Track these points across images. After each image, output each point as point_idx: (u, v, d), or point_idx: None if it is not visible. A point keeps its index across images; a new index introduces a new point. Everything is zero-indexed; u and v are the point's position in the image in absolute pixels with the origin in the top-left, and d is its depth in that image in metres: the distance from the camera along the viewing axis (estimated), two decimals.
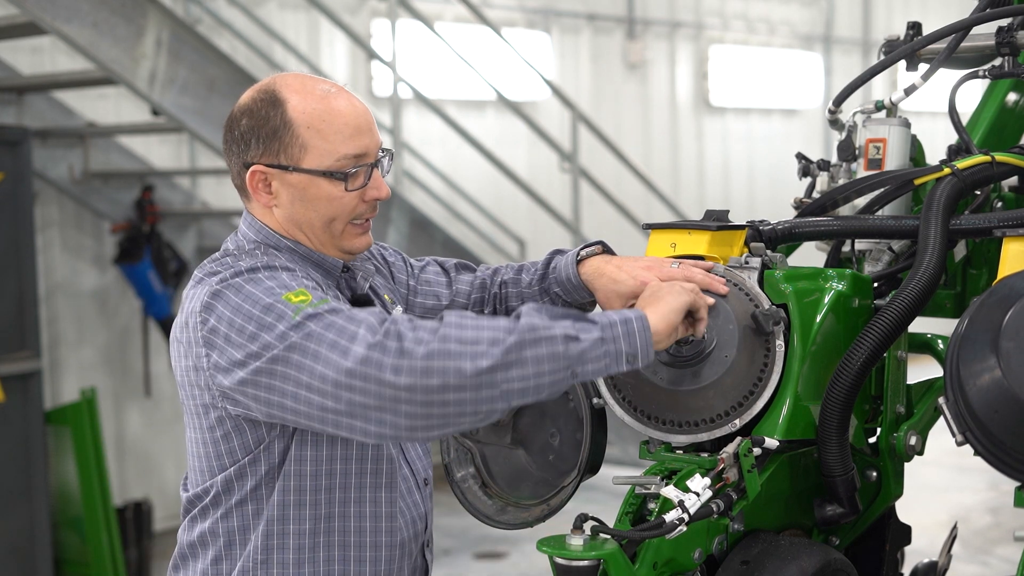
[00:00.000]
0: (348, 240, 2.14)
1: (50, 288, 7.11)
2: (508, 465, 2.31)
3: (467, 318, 1.85)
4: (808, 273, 2.16)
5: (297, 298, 1.92)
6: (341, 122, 2.08)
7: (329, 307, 1.90)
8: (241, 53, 7.60)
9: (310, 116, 2.06)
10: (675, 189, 10.88)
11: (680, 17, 11.45)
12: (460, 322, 1.84)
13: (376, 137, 2.12)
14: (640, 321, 1.88)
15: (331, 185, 2.08)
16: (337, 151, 2.07)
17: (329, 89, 2.11)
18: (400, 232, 6.51)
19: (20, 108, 6.77)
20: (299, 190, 2.09)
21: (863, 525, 2.29)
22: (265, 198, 2.11)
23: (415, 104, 8.78)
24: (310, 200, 2.09)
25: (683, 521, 1.87)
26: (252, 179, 2.10)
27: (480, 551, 6.74)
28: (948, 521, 3.21)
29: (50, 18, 5.04)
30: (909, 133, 2.48)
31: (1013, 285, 1.90)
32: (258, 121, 2.08)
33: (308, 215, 2.10)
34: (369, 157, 2.10)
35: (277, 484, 2.06)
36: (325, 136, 2.06)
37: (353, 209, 2.11)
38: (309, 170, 2.07)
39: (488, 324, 1.84)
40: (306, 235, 2.13)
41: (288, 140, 2.06)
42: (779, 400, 2.04)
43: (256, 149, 2.08)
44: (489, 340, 1.81)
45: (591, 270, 2.28)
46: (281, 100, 2.08)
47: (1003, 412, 1.83)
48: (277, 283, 1.96)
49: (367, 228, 2.16)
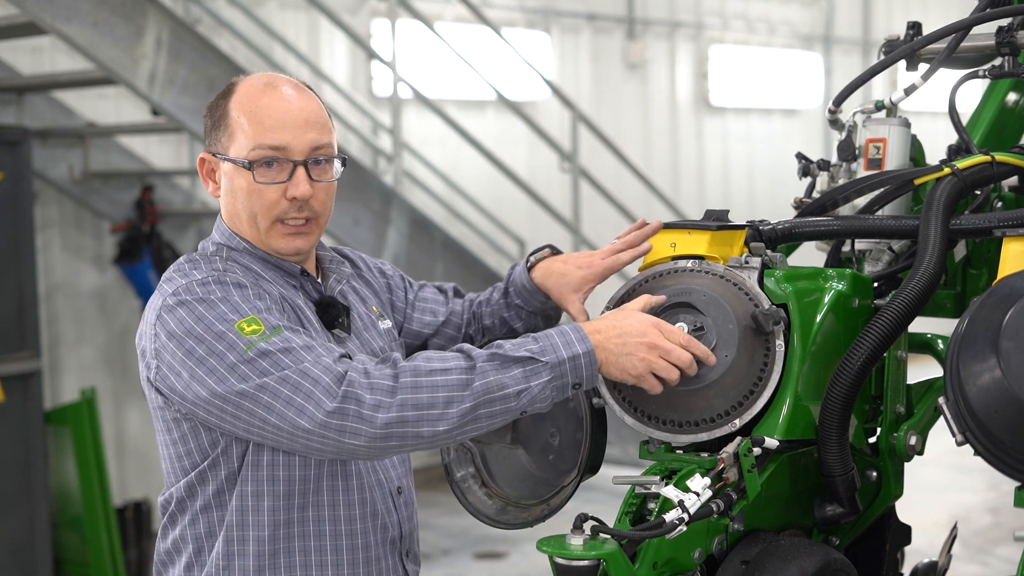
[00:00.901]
0: (275, 239, 2.12)
1: (50, 288, 7.11)
2: (508, 465, 2.31)
3: (421, 373, 1.88)
4: (808, 273, 2.16)
5: (249, 327, 1.93)
6: (266, 114, 2.08)
7: (281, 343, 1.91)
8: (241, 53, 7.60)
9: (243, 106, 2.09)
10: (675, 189, 10.88)
11: (680, 17, 11.45)
12: (415, 381, 1.88)
13: (307, 136, 2.09)
14: (588, 356, 1.93)
15: (244, 174, 2.09)
16: (254, 140, 2.08)
17: (277, 84, 2.12)
18: (400, 232, 6.51)
19: (20, 108, 6.77)
20: (228, 179, 2.13)
21: (863, 525, 2.29)
22: (212, 186, 2.17)
23: (415, 104, 8.78)
24: (234, 191, 2.12)
25: (683, 521, 1.87)
26: (201, 167, 2.17)
27: (480, 551, 6.75)
28: (948, 521, 3.21)
29: (50, 18, 5.04)
30: (909, 133, 2.48)
31: (1013, 285, 1.90)
32: (211, 111, 2.15)
33: (236, 207, 2.13)
34: (291, 152, 2.08)
35: (236, 489, 2.05)
36: (248, 126, 2.08)
37: (273, 205, 2.09)
38: (231, 158, 2.10)
39: (443, 381, 1.88)
40: (241, 229, 2.14)
41: (223, 128, 2.11)
42: (779, 400, 2.04)
43: (209, 138, 2.15)
44: (444, 402, 1.88)
45: (541, 272, 2.32)
46: (231, 92, 2.13)
47: (1003, 412, 1.83)
48: (229, 307, 1.96)
49: (299, 231, 2.12)
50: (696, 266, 2.13)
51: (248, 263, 2.12)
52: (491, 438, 2.32)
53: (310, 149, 2.10)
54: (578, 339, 1.94)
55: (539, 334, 1.96)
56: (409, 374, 1.89)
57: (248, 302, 1.97)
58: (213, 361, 1.93)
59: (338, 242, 6.40)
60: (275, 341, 1.92)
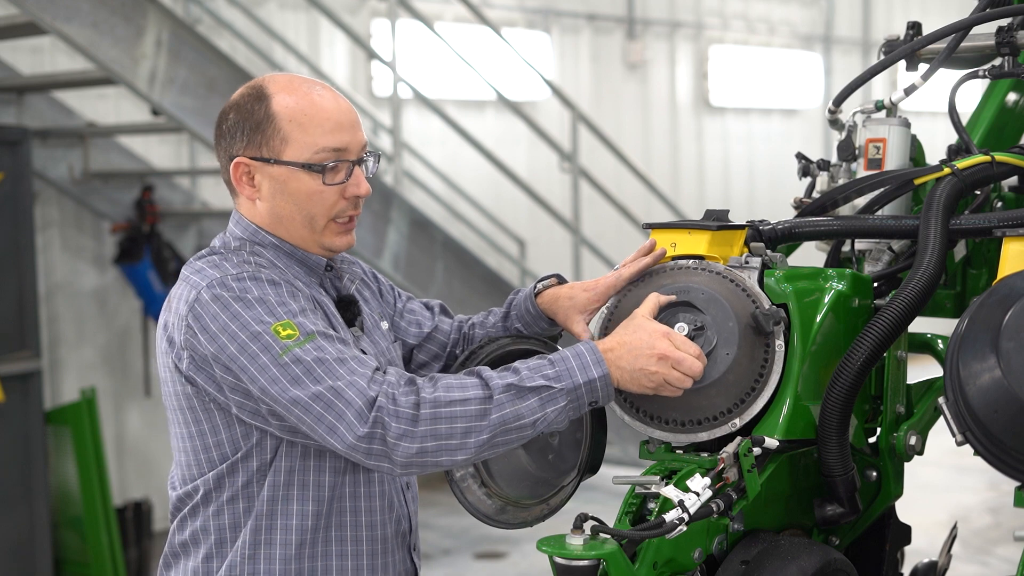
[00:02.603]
0: (329, 237, 2.16)
1: (50, 288, 7.11)
2: (508, 465, 2.31)
3: (441, 404, 1.93)
4: (808, 273, 2.16)
5: (284, 331, 1.97)
6: (322, 116, 2.11)
7: (315, 351, 1.95)
8: (241, 53, 7.60)
9: (292, 110, 2.10)
10: (675, 189, 10.88)
11: (680, 17, 11.45)
12: (435, 413, 1.92)
13: (359, 136, 2.15)
14: (604, 379, 1.96)
15: (310, 178, 2.11)
16: (316, 144, 2.09)
17: (314, 87, 2.15)
18: (400, 232, 6.51)
19: (20, 108, 6.77)
20: (280, 183, 2.12)
21: (863, 525, 2.29)
22: (248, 191, 2.15)
23: (415, 104, 8.78)
24: (290, 194, 2.12)
25: (683, 521, 1.87)
26: (236, 171, 2.14)
27: (480, 551, 6.74)
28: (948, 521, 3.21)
29: (50, 18, 5.04)
30: (909, 133, 2.48)
31: (1013, 285, 1.90)
32: (244, 115, 2.12)
33: (289, 209, 2.13)
34: (350, 153, 2.13)
35: (268, 480, 2.08)
36: (305, 129, 2.09)
37: (333, 205, 2.13)
38: (289, 162, 2.10)
39: (461, 412, 1.93)
40: (287, 230, 2.15)
41: (270, 133, 2.10)
42: (779, 400, 2.04)
43: (241, 142, 2.12)
44: (463, 432, 1.93)
45: (548, 299, 2.34)
46: (267, 95, 2.12)
47: (1003, 412, 1.83)
48: (264, 308, 1.99)
49: (350, 228, 2.18)
50: (696, 265, 2.13)
51: (273, 257, 2.14)
52: None
53: (362, 148, 2.15)
54: (594, 362, 1.96)
55: (555, 356, 1.98)
56: (429, 405, 1.93)
57: (283, 304, 2.00)
58: (245, 361, 1.97)
59: None
60: (309, 348, 1.96)
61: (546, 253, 9.64)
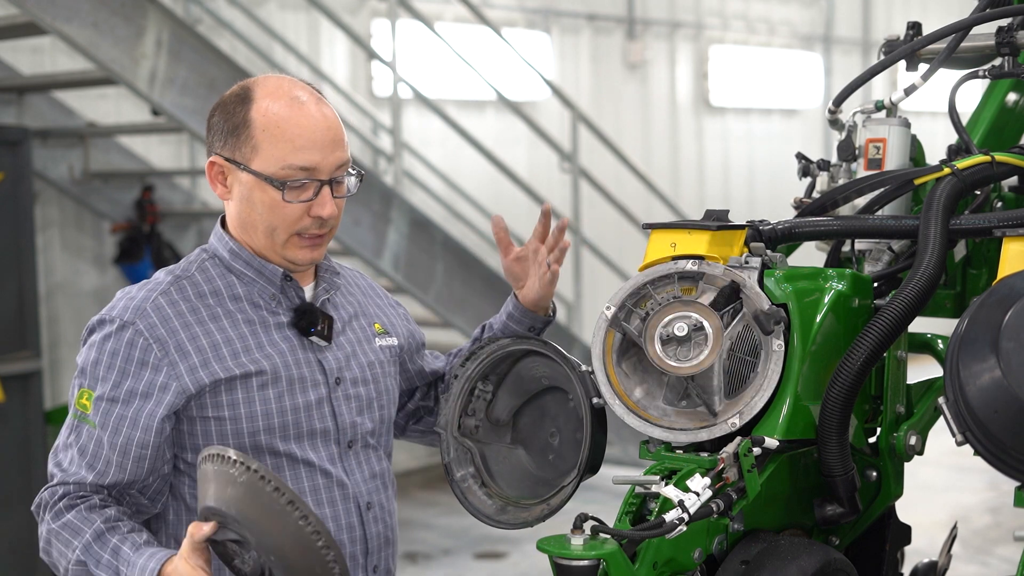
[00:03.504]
0: (291, 251, 2.14)
1: (50, 288, 7.11)
2: (508, 465, 2.31)
3: (52, 535, 2.10)
4: (808, 273, 2.16)
5: (82, 400, 2.12)
6: (295, 132, 2.07)
7: (76, 432, 2.12)
8: (241, 53, 7.60)
9: (268, 120, 2.08)
10: (675, 189, 10.87)
11: (680, 17, 11.45)
12: (49, 529, 2.10)
13: (335, 155, 2.11)
14: None
15: (272, 192, 2.09)
16: (283, 159, 2.07)
17: (302, 97, 2.11)
18: (400, 232, 6.51)
19: (20, 108, 6.77)
20: (247, 189, 2.12)
21: (863, 525, 2.29)
22: (220, 190, 2.16)
23: (415, 104, 8.78)
24: (254, 203, 2.11)
25: (683, 521, 1.87)
26: (211, 169, 2.15)
27: (480, 551, 6.74)
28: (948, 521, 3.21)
29: (50, 18, 5.04)
30: (909, 133, 2.48)
31: (1013, 285, 1.90)
32: (226, 115, 2.12)
33: (252, 217, 2.13)
34: (319, 173, 2.09)
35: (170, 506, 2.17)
36: (275, 142, 2.07)
37: (296, 221, 2.11)
38: (255, 172, 2.09)
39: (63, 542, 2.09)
40: (251, 236, 2.15)
41: (244, 138, 2.09)
42: (779, 400, 2.04)
43: (220, 141, 2.13)
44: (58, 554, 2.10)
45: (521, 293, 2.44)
46: (251, 98, 2.10)
47: (1003, 412, 1.83)
48: (97, 369, 2.12)
49: (316, 243, 2.15)
50: (695, 266, 2.13)
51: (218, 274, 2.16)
52: (491, 438, 2.32)
53: (336, 168, 2.12)
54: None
55: (132, 559, 2.00)
56: (44, 532, 2.10)
57: (105, 380, 2.10)
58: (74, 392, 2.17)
59: (338, 242, 6.40)
60: (80, 427, 2.12)
61: None
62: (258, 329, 2.14)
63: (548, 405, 2.30)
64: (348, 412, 2.19)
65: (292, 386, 2.13)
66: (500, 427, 2.33)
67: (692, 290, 2.11)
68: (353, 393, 2.21)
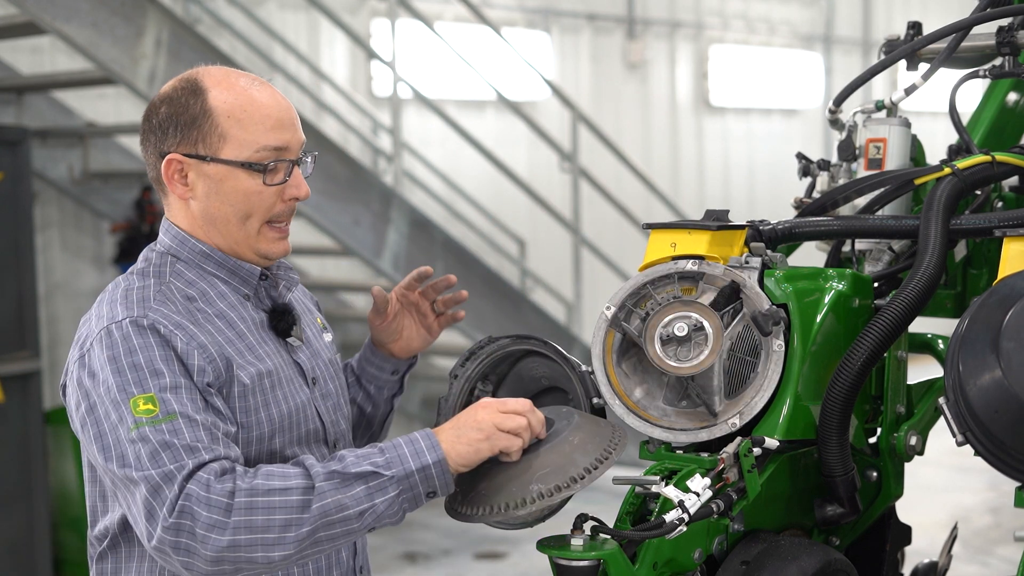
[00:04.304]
0: (264, 243, 2.06)
1: (50, 288, 7.11)
2: None
3: (259, 493, 1.79)
4: (808, 273, 2.16)
5: (143, 406, 1.85)
6: (262, 113, 2.01)
7: (167, 434, 1.83)
8: (241, 53, 7.60)
9: (231, 106, 2.00)
10: (675, 189, 10.88)
11: (680, 17, 11.45)
12: (251, 502, 1.79)
13: (299, 134, 2.06)
14: (440, 465, 1.86)
15: (249, 178, 2.01)
16: (257, 142, 2.00)
17: (252, 82, 2.06)
18: (400, 232, 6.51)
19: (20, 108, 6.77)
20: (216, 182, 2.02)
21: (863, 525, 2.29)
22: (181, 189, 2.04)
23: (415, 104, 8.78)
24: (226, 194, 2.02)
25: (683, 521, 1.87)
26: (168, 168, 2.03)
27: (480, 551, 6.74)
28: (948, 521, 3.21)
29: (50, 18, 5.04)
30: (909, 133, 2.48)
31: (1013, 285, 1.89)
32: (177, 109, 2.02)
33: (224, 210, 2.03)
34: (290, 152, 2.04)
35: None
36: (245, 126, 2.00)
37: (271, 207, 2.04)
38: (227, 161, 2.00)
39: (281, 502, 1.79)
40: (221, 233, 2.05)
41: (207, 129, 2.00)
42: (779, 400, 2.04)
43: (174, 138, 2.02)
44: (281, 526, 1.78)
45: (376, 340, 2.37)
46: (202, 89, 2.02)
47: (1003, 412, 1.83)
48: (135, 375, 1.88)
49: (285, 233, 2.09)
50: (695, 266, 2.12)
51: (196, 276, 2.05)
52: None
53: (300, 147, 2.07)
54: (428, 447, 1.86)
55: (386, 444, 1.87)
56: (245, 494, 1.79)
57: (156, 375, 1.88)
58: (104, 426, 1.89)
59: (338, 242, 6.40)
60: (162, 429, 1.84)
61: (546, 253, 9.64)
62: (243, 330, 2.04)
63: (548, 405, 2.29)
64: (327, 412, 2.15)
65: (292, 386, 2.07)
66: None
67: (692, 290, 2.11)
68: (326, 392, 2.16)
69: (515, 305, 7.26)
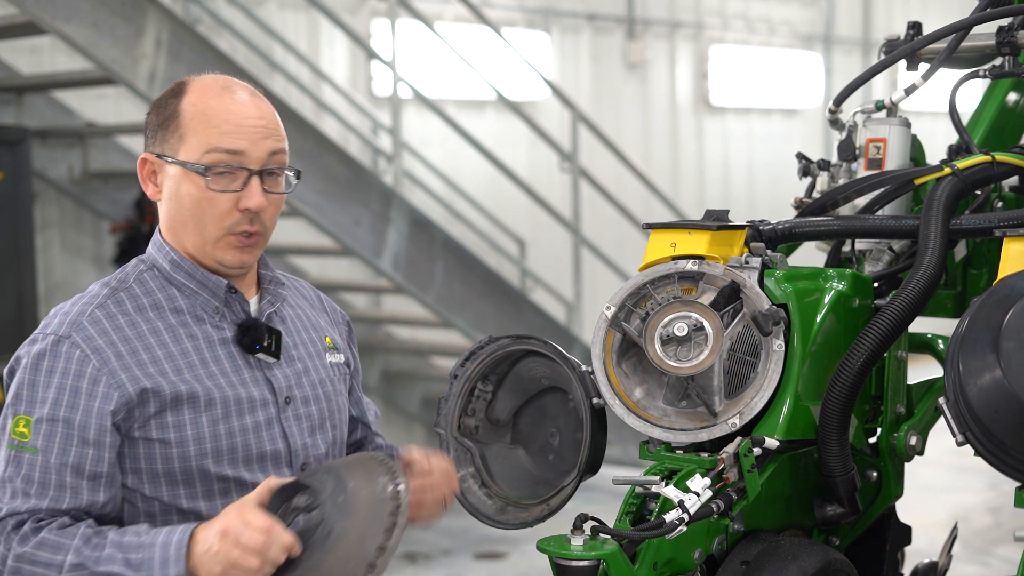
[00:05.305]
0: (221, 251, 2.00)
1: (50, 288, 7.11)
2: (508, 465, 2.31)
3: (23, 560, 1.86)
4: (808, 273, 2.16)
5: (20, 428, 1.91)
6: (223, 117, 1.98)
7: (10, 468, 1.90)
8: (241, 53, 7.59)
9: (197, 108, 1.99)
10: (675, 189, 10.88)
11: (680, 17, 11.45)
12: (17, 567, 1.86)
13: (265, 143, 2.00)
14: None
15: (197, 180, 1.97)
16: (208, 143, 1.96)
17: (235, 90, 2.03)
18: (400, 232, 6.51)
19: (20, 108, 6.77)
20: (175, 184, 1.99)
21: (863, 525, 2.29)
22: (152, 190, 2.04)
23: (415, 104, 8.78)
24: (182, 197, 1.99)
25: (683, 521, 1.87)
26: (142, 168, 2.04)
27: (480, 551, 6.74)
28: (948, 521, 3.21)
29: (49, 18, 5.04)
30: (909, 133, 2.48)
31: (1013, 285, 1.90)
32: (158, 110, 2.03)
33: (181, 214, 2.00)
34: (248, 160, 1.98)
35: None
36: (202, 128, 1.97)
37: (225, 215, 1.98)
38: (180, 161, 1.98)
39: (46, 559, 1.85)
40: (183, 240, 2.02)
41: (172, 128, 2.00)
42: (779, 400, 2.04)
43: (151, 139, 2.03)
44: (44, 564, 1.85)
45: None
46: (183, 92, 2.02)
47: (1003, 412, 1.83)
48: (29, 393, 1.93)
49: (248, 244, 2.01)
50: (695, 266, 2.12)
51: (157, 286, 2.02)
52: (491, 438, 2.32)
53: (267, 156, 2.00)
54: (175, 558, 1.82)
55: (147, 539, 1.85)
56: (14, 559, 1.87)
57: (43, 403, 1.91)
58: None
59: (338, 242, 6.40)
60: (20, 459, 1.91)
61: (546, 253, 9.65)
62: (201, 345, 2.00)
63: (548, 405, 2.29)
64: (300, 433, 2.06)
65: (240, 406, 2.00)
66: (500, 427, 2.32)
67: (692, 290, 2.11)
68: (304, 412, 2.08)
69: (515, 305, 7.26)
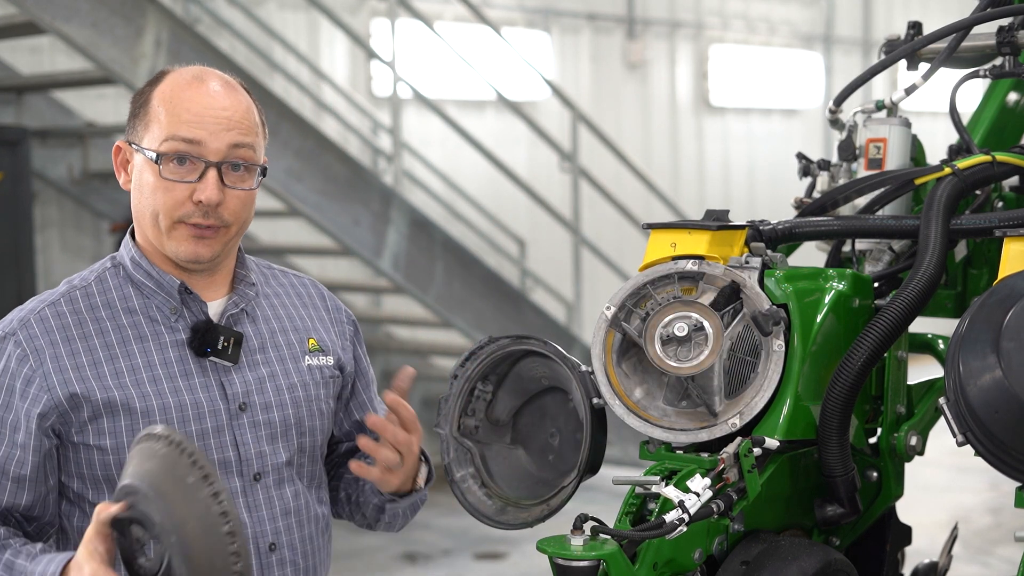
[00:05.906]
0: (174, 242, 1.96)
1: (49, 288, 7.10)
2: (508, 465, 2.31)
3: None
4: (808, 273, 2.16)
5: None
6: (185, 107, 1.95)
7: None
8: (241, 53, 7.60)
9: (165, 96, 1.97)
10: (675, 189, 10.88)
11: (680, 17, 11.45)
12: None
13: (227, 135, 1.95)
14: None
15: (152, 168, 1.94)
16: (167, 131, 1.93)
17: (207, 80, 2.01)
18: (400, 232, 6.51)
19: (19, 108, 6.77)
20: (138, 172, 1.98)
21: (863, 525, 2.29)
22: (123, 178, 2.03)
23: (415, 104, 8.78)
24: (142, 186, 1.97)
25: (683, 521, 1.87)
26: (116, 156, 2.03)
27: (480, 551, 6.74)
28: (948, 521, 3.21)
29: (49, 18, 5.04)
30: (910, 133, 2.48)
31: (1014, 285, 1.89)
32: (135, 98, 2.02)
33: (141, 203, 1.98)
34: (205, 151, 1.93)
35: None
36: (166, 116, 1.94)
37: (178, 205, 1.93)
38: (141, 148, 1.96)
39: None
40: (143, 230, 2.00)
41: (141, 116, 1.99)
42: (779, 400, 2.04)
43: (128, 126, 2.02)
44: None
45: None
46: (159, 81, 2.01)
47: (1004, 412, 1.82)
48: None
49: (201, 236, 1.96)
50: (695, 266, 2.12)
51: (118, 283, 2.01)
52: (491, 438, 2.32)
53: (227, 149, 1.95)
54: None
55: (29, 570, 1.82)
56: None
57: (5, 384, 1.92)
58: None
59: (338, 242, 6.40)
60: None
61: (546, 253, 9.65)
62: (150, 347, 1.96)
63: (548, 405, 2.29)
64: (254, 441, 2.01)
65: (183, 413, 1.95)
66: (500, 427, 2.32)
67: (692, 290, 2.11)
68: (263, 420, 2.02)
69: (515, 305, 7.26)
